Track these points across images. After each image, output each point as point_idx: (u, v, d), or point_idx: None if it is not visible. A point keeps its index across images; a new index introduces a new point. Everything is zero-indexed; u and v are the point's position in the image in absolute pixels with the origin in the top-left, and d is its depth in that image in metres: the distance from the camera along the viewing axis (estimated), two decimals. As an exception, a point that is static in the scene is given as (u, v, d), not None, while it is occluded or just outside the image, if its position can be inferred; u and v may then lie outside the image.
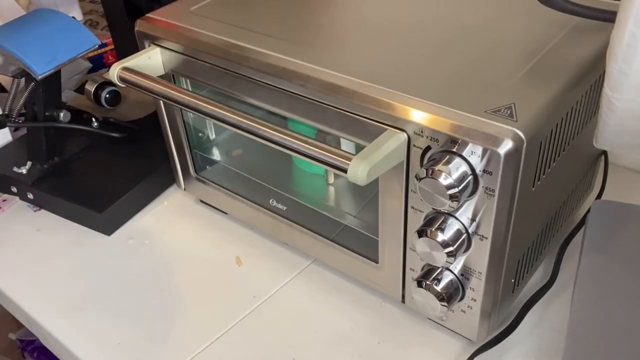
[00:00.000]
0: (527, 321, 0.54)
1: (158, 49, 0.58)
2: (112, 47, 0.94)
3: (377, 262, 0.54)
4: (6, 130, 0.77)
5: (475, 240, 0.46)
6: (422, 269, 0.51)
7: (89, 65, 0.92)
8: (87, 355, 0.56)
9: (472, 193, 0.43)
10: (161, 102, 0.62)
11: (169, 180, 0.73)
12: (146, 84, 0.55)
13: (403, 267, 0.53)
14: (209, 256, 0.65)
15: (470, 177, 0.42)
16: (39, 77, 0.65)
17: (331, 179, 0.65)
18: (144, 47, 0.59)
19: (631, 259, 0.52)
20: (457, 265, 0.48)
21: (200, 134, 0.67)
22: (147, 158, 0.74)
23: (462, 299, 0.49)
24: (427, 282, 0.49)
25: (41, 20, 0.69)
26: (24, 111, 0.72)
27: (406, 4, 0.57)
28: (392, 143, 0.44)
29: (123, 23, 0.82)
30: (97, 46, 0.70)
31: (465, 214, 0.45)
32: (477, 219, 0.44)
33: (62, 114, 0.72)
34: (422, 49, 0.50)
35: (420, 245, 0.47)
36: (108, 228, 0.69)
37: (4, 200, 0.75)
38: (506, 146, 0.40)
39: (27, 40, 0.66)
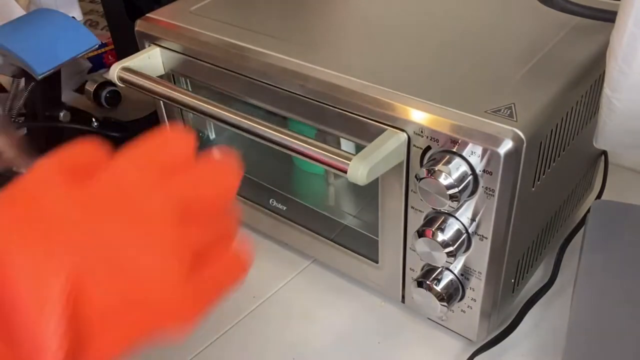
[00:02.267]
0: (527, 321, 0.54)
1: (158, 49, 0.58)
2: (112, 47, 0.94)
3: (377, 262, 0.54)
4: (6, 130, 0.77)
5: (475, 240, 0.46)
6: (422, 269, 0.51)
7: (89, 65, 0.92)
8: (87, 355, 0.56)
9: (472, 193, 0.43)
10: (161, 102, 0.62)
11: (169, 180, 0.73)
12: (146, 84, 0.55)
13: (403, 267, 0.53)
14: (209, 256, 0.65)
15: (470, 177, 0.42)
16: (39, 77, 0.65)
17: (331, 179, 0.65)
18: (144, 47, 0.59)
19: (631, 259, 0.52)
20: (457, 265, 0.48)
21: (200, 134, 0.67)
22: (147, 158, 0.73)
23: (462, 299, 0.49)
24: (427, 282, 0.49)
25: (41, 20, 0.69)
26: (24, 111, 0.72)
27: (406, 5, 0.57)
28: (392, 143, 0.44)
29: (123, 23, 0.82)
30: (97, 46, 0.70)
31: (465, 214, 0.45)
32: (477, 219, 0.44)
33: (62, 114, 0.72)
34: (422, 49, 0.50)
35: (420, 245, 0.47)
36: (108, 228, 0.69)
37: (4, 200, 0.75)
38: (506, 146, 0.40)
39: (27, 40, 0.66)
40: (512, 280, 0.51)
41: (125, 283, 0.29)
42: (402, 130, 0.44)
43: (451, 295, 0.49)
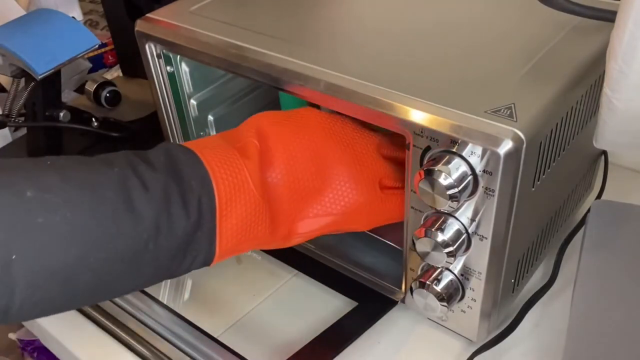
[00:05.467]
0: (527, 321, 0.54)
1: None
2: (112, 47, 0.94)
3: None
4: (6, 130, 0.77)
5: (475, 241, 0.46)
6: (422, 269, 0.51)
7: (89, 65, 0.92)
8: (87, 355, 0.56)
9: (472, 193, 0.43)
10: (161, 102, 0.62)
11: (169, 180, 0.73)
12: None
13: (403, 267, 0.53)
14: (209, 256, 0.65)
15: (470, 177, 0.42)
16: (39, 77, 0.65)
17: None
18: (144, 47, 0.59)
19: (631, 259, 0.52)
20: (457, 266, 0.48)
21: (201, 133, 0.67)
22: (147, 158, 0.73)
23: (462, 299, 0.49)
24: (427, 282, 0.49)
25: (41, 20, 0.69)
26: (24, 111, 0.72)
27: (406, 5, 0.57)
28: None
29: (123, 23, 0.82)
30: (97, 46, 0.70)
31: (465, 214, 0.45)
32: (477, 219, 0.44)
33: (62, 114, 0.72)
34: (421, 48, 0.50)
35: (420, 245, 0.47)
36: (108, 228, 0.69)
37: (4, 200, 0.75)
38: (506, 146, 0.40)
39: (27, 40, 0.66)
40: (512, 280, 0.51)
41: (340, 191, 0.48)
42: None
43: (451, 295, 0.49)
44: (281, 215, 0.47)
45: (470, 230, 0.45)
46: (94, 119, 0.76)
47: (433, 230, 0.45)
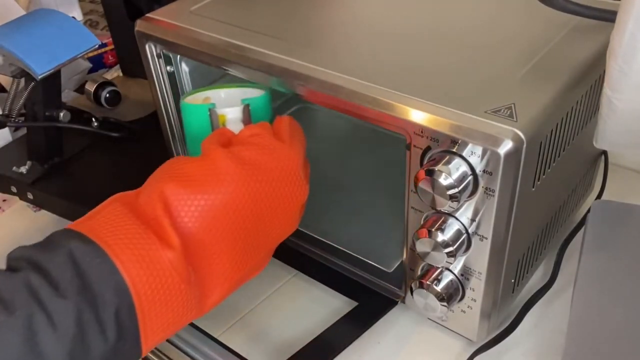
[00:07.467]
0: (527, 321, 0.54)
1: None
2: (112, 47, 0.94)
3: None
4: (6, 130, 0.77)
5: (475, 241, 0.46)
6: (422, 269, 0.51)
7: (89, 65, 0.92)
8: (87, 355, 0.56)
9: (472, 193, 0.43)
10: (161, 102, 0.62)
11: (169, 180, 0.73)
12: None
13: (403, 267, 0.53)
14: (209, 256, 0.65)
15: (470, 177, 0.42)
16: (39, 77, 0.65)
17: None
18: (144, 47, 0.59)
19: (631, 259, 0.52)
20: (457, 266, 0.48)
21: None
22: (148, 158, 0.73)
23: (462, 299, 0.49)
24: (427, 282, 0.49)
25: (41, 20, 0.69)
26: (24, 111, 0.72)
27: (406, 4, 0.57)
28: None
29: (123, 23, 0.82)
30: (97, 46, 0.70)
31: (465, 214, 0.45)
32: (477, 219, 0.44)
33: (62, 114, 0.72)
34: (422, 48, 0.50)
35: (421, 245, 0.47)
36: (108, 228, 0.69)
37: (4, 201, 0.75)
38: (506, 146, 0.40)
39: (27, 40, 0.66)
40: (512, 280, 0.51)
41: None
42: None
43: (451, 295, 0.49)
44: (207, 281, 0.43)
45: (470, 231, 0.45)
46: (94, 119, 0.76)
47: (433, 230, 0.45)
